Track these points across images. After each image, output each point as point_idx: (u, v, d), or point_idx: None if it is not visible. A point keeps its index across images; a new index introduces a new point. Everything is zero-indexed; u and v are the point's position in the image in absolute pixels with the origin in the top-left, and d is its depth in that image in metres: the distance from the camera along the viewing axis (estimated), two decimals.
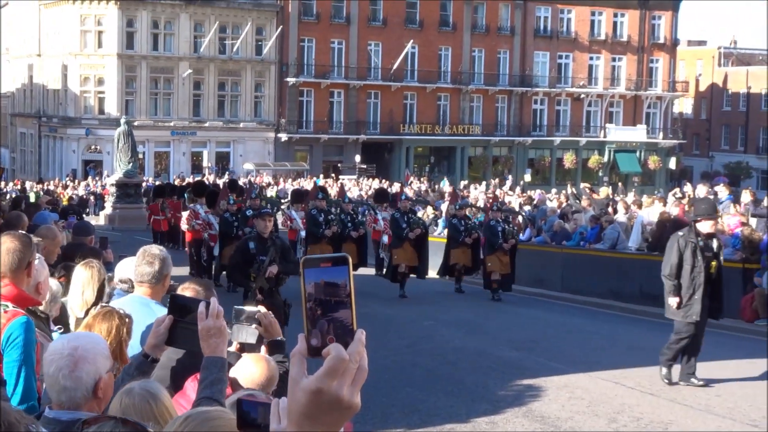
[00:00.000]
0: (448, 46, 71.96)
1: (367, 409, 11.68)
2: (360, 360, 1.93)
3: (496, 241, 22.56)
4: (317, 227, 22.02)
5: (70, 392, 3.90)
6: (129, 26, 63.53)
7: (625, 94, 77.02)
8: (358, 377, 1.93)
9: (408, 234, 22.42)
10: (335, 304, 1.93)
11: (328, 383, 1.88)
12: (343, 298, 1.94)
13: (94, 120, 63.16)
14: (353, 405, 1.92)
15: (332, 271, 1.95)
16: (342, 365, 1.89)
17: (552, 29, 74.92)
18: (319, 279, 1.94)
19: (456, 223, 24.10)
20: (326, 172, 64.40)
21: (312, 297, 1.94)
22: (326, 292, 1.93)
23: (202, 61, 65.11)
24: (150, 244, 6.74)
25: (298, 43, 67.38)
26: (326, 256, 1.98)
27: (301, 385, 1.91)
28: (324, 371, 1.89)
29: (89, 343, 4.06)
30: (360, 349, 1.93)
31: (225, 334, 4.26)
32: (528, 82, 74.16)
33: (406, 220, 22.71)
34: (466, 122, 72.86)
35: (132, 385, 3.98)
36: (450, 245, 24.05)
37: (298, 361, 1.94)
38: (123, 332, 5.08)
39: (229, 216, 22.91)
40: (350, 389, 1.90)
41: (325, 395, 1.89)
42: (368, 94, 69.95)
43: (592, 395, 12.58)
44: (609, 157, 75.78)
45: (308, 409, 1.90)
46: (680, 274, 13.32)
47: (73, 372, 3.89)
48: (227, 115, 66.76)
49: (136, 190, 43.90)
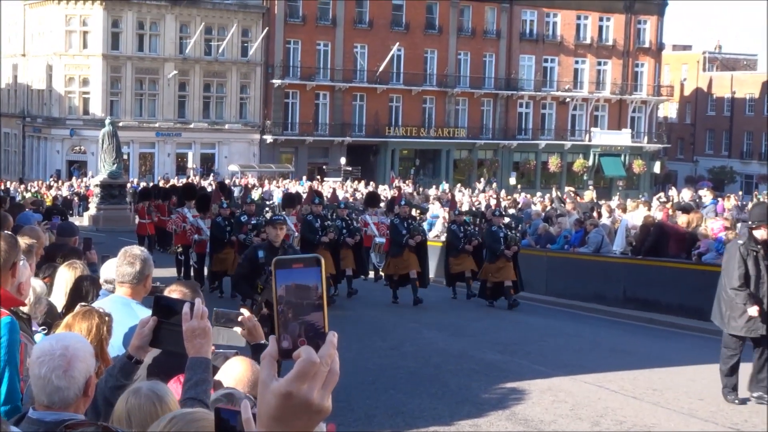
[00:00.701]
0: (433, 48, 72.01)
1: (351, 411, 11.69)
2: (331, 363, 1.90)
3: (498, 248, 21.83)
4: (313, 233, 21.08)
5: (64, 392, 3.90)
6: (114, 27, 63.35)
7: (610, 98, 77.19)
8: (329, 380, 1.90)
9: (408, 241, 21.67)
10: (306, 306, 1.91)
11: (298, 386, 1.86)
12: (315, 301, 1.92)
13: (79, 120, 62.97)
14: (324, 408, 1.89)
15: (304, 272, 1.93)
16: (312, 368, 1.86)
17: (538, 33, 75.03)
18: (291, 281, 1.92)
19: (455, 229, 23.50)
20: (311, 174, 64.33)
21: (283, 299, 1.92)
22: (297, 294, 1.91)
23: (187, 63, 64.99)
24: (132, 245, 6.73)
25: (284, 44, 67.32)
26: (298, 257, 1.96)
27: (271, 388, 1.88)
28: (294, 374, 1.86)
29: (78, 341, 4.06)
30: (331, 351, 1.90)
31: (209, 335, 4.27)
32: (513, 85, 74.26)
33: (406, 227, 21.97)
34: (451, 125, 72.91)
35: (139, 385, 3.99)
36: (449, 253, 23.54)
37: (269, 363, 1.92)
38: (103, 331, 5.07)
39: (222, 220, 22.18)
40: (321, 392, 1.88)
41: (295, 398, 1.86)
42: (354, 97, 69.93)
43: (575, 398, 12.61)
44: (594, 160, 75.91)
45: (278, 413, 1.87)
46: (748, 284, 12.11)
47: (67, 371, 3.89)
48: (212, 117, 66.66)
49: (120, 191, 43.85)
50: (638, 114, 78.80)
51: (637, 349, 17.17)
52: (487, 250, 22.46)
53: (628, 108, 78.06)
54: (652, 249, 22.44)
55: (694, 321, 20.18)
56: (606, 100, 77.32)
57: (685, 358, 16.07)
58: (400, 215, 22.65)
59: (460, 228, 23.45)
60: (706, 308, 20.55)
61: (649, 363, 15.40)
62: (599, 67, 77.21)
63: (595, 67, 76.96)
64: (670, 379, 14.11)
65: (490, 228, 22.65)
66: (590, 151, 75.91)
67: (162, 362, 4.64)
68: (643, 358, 16.01)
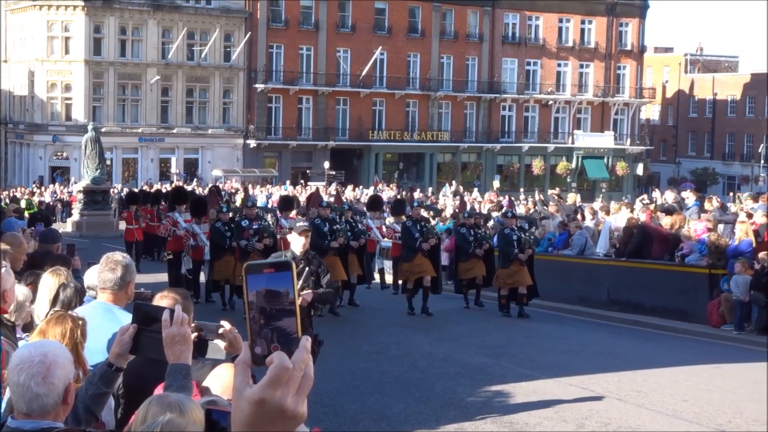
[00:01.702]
0: (416, 52, 72.06)
1: (336, 416, 11.68)
2: (305, 368, 1.88)
3: (512, 252, 20.62)
4: (322, 238, 19.96)
5: (43, 399, 3.87)
6: (96, 32, 63.16)
7: (593, 101, 77.40)
8: (303, 385, 1.88)
9: (421, 245, 20.50)
10: (278, 312, 1.90)
11: (271, 393, 1.84)
12: (286, 306, 1.90)
13: (61, 126, 62.74)
14: (298, 414, 1.87)
15: (275, 277, 1.91)
16: (285, 374, 1.84)
17: (520, 36, 75.17)
18: (261, 287, 1.90)
19: (464, 232, 22.30)
20: (295, 178, 64.27)
21: (254, 306, 1.90)
22: (268, 300, 1.90)
23: (170, 68, 64.86)
24: (114, 251, 6.71)
25: (267, 49, 67.26)
26: (269, 261, 1.95)
27: (244, 395, 1.86)
28: (267, 381, 1.84)
29: (57, 348, 4.04)
30: (305, 356, 1.89)
31: (189, 341, 4.26)
32: (496, 88, 74.36)
33: (419, 229, 20.75)
34: (434, 128, 72.96)
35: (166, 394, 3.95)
36: (458, 258, 22.53)
37: (242, 370, 1.90)
38: (77, 335, 5.05)
39: (221, 225, 20.93)
40: (295, 398, 1.86)
41: (269, 405, 1.84)
42: (337, 101, 69.92)
43: (560, 401, 12.63)
44: (577, 163, 76.09)
45: (252, 420, 1.85)
46: None
47: (46, 378, 3.87)
48: (195, 122, 66.53)
49: (103, 197, 43.69)
50: (621, 116, 79.03)
51: (622, 351, 17.21)
52: (500, 254, 21.34)
53: (611, 110, 78.28)
54: (635, 251, 22.50)
55: (677, 322, 20.26)
56: (588, 103, 77.52)
57: (669, 360, 16.12)
58: (413, 217, 21.46)
59: (470, 231, 22.24)
60: (690, 309, 20.75)
61: (634, 365, 15.43)
62: (581, 69, 77.41)
63: (578, 70, 77.16)
64: (654, 381, 14.14)
65: (503, 230, 21.51)
66: (573, 153, 76.09)
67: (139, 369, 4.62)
68: (627, 359, 16.04)
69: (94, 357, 5.57)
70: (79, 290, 6.88)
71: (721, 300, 20.00)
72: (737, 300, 19.22)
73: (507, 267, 20.71)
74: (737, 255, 19.82)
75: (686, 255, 21.40)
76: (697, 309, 20.61)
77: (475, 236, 22.09)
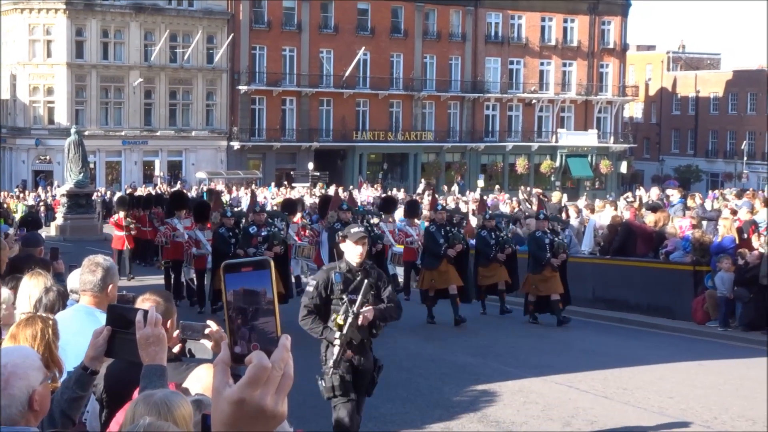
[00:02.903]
0: (399, 52, 72.06)
1: (323, 416, 11.64)
2: (285, 367, 1.87)
3: (544, 256, 19.37)
4: None
5: (6, 410, 3.83)
6: (78, 35, 62.95)
7: (576, 99, 77.54)
8: (283, 385, 1.86)
9: (447, 251, 19.31)
10: (255, 312, 1.89)
11: (250, 392, 1.82)
12: (263, 305, 1.89)
13: (44, 130, 62.51)
14: (278, 414, 1.86)
15: (253, 275, 1.90)
16: (264, 373, 1.83)
17: (503, 35, 75.25)
18: (239, 286, 1.89)
19: (485, 235, 20.88)
20: (279, 179, 64.23)
21: (231, 305, 1.89)
22: (245, 300, 1.88)
23: (152, 70, 64.69)
24: (96, 254, 6.67)
25: (250, 51, 67.16)
26: (247, 260, 1.93)
27: (224, 395, 1.85)
28: (245, 380, 1.83)
29: (18, 357, 3.98)
30: (284, 355, 1.87)
31: (164, 342, 4.23)
32: (480, 87, 74.43)
33: (443, 235, 19.47)
34: (418, 128, 72.98)
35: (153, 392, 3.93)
36: (478, 262, 21.04)
37: (221, 370, 1.89)
38: (49, 334, 5.01)
39: (225, 231, 19.25)
40: (274, 398, 1.85)
41: (248, 405, 1.83)
42: (320, 102, 69.86)
43: (546, 399, 12.64)
44: (561, 161, 76.23)
45: (232, 420, 1.84)
46: None
47: (5, 390, 3.82)
48: (179, 124, 66.37)
49: (87, 201, 43.57)
50: (604, 114, 79.20)
51: (607, 349, 17.23)
52: (531, 258, 19.94)
53: (594, 108, 78.44)
54: (620, 248, 22.56)
55: (662, 320, 20.31)
56: (572, 101, 77.67)
57: (654, 357, 16.14)
58: (436, 221, 20.12)
59: (491, 234, 20.83)
60: (675, 307, 20.80)
61: (619, 362, 15.46)
62: (564, 68, 77.54)
63: (561, 69, 77.28)
64: (640, 378, 14.17)
65: (534, 233, 20.17)
66: (557, 152, 76.24)
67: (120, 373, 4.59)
68: (613, 357, 16.07)
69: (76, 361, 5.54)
70: (62, 294, 6.84)
71: (705, 297, 20.06)
72: (722, 297, 19.27)
73: (539, 272, 19.56)
74: (720, 252, 19.88)
75: (670, 252, 21.45)
76: (681, 306, 20.66)
77: (497, 240, 20.78)
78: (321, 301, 9.30)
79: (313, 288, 9.41)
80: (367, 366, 9.52)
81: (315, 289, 9.35)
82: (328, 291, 9.27)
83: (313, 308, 9.31)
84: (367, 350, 9.54)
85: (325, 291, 9.29)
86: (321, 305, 9.31)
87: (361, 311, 9.09)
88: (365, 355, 9.50)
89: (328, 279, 9.29)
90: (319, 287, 9.32)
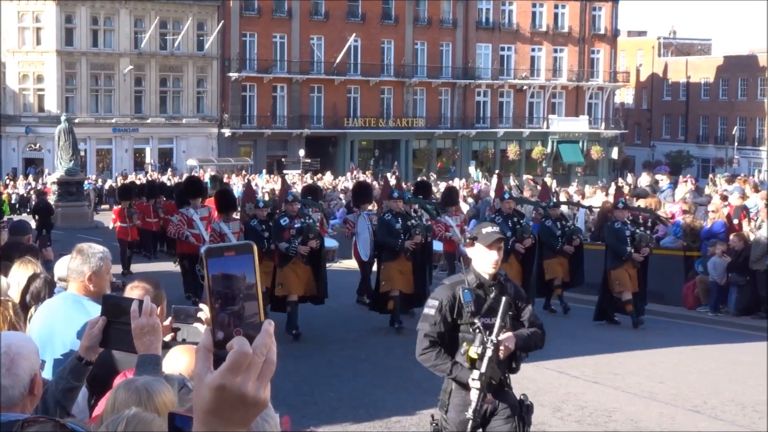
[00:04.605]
0: (390, 39, 71.94)
1: (314, 404, 11.66)
2: (268, 353, 1.84)
3: (624, 251, 17.45)
4: (394, 237, 16.65)
5: (9, 391, 3.81)
6: (68, 22, 62.74)
7: (567, 85, 77.50)
8: (265, 371, 1.84)
9: (515, 246, 17.50)
10: (238, 297, 1.86)
11: (231, 379, 1.80)
12: (243, 291, 1.86)
13: (34, 118, 62.31)
14: (259, 400, 1.83)
15: (234, 260, 1.87)
16: (245, 360, 1.81)
17: (494, 21, 75.15)
18: (218, 271, 1.87)
19: (550, 225, 19.22)
20: (270, 167, 64.18)
21: (213, 291, 1.87)
22: (224, 284, 1.86)
23: (143, 57, 64.51)
24: (88, 242, 6.64)
25: (240, 37, 67.00)
26: (230, 244, 1.90)
27: (205, 381, 1.83)
28: (226, 366, 1.81)
29: (20, 339, 3.98)
30: (266, 341, 1.84)
31: (159, 331, 4.23)
32: (471, 74, 74.35)
33: (510, 227, 17.51)
34: (409, 115, 72.92)
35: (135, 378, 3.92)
36: (543, 255, 19.11)
37: (203, 356, 1.86)
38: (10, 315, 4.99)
39: (258, 224, 17.29)
40: (256, 384, 1.82)
41: (229, 391, 1.81)
42: (311, 89, 69.74)
43: (536, 384, 12.64)
44: (552, 148, 76.25)
45: (213, 406, 1.82)
46: None
47: (10, 370, 3.81)
48: (169, 111, 66.21)
49: (78, 188, 43.52)
50: (595, 100, 79.19)
51: (598, 335, 17.26)
52: (610, 252, 18.16)
53: (585, 95, 78.41)
54: None
55: (653, 305, 20.30)
56: (563, 87, 77.61)
57: (645, 342, 16.18)
58: (503, 212, 18.09)
59: (556, 224, 19.15)
60: (666, 292, 20.83)
61: (610, 348, 15.49)
62: (555, 54, 77.46)
63: (552, 55, 77.20)
64: (630, 364, 14.20)
65: (612, 224, 18.13)
66: (548, 138, 76.25)
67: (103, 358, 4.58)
68: (603, 343, 16.10)
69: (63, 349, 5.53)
70: (49, 281, 6.82)
71: (696, 282, 20.11)
72: (713, 282, 19.33)
73: (617, 268, 17.81)
74: (711, 237, 19.93)
75: (661, 238, 21.49)
76: (672, 291, 20.70)
77: (563, 230, 19.14)
78: (446, 328, 7.16)
79: (435, 311, 7.19)
80: (502, 411, 7.19)
81: (438, 311, 7.17)
82: (455, 314, 7.12)
83: (437, 338, 7.17)
84: (506, 390, 7.27)
85: (451, 314, 7.14)
86: (446, 333, 7.18)
87: (500, 339, 6.88)
88: (504, 397, 7.23)
89: (455, 298, 7.15)
90: (443, 309, 7.16)
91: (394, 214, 16.80)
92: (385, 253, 16.98)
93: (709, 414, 11.32)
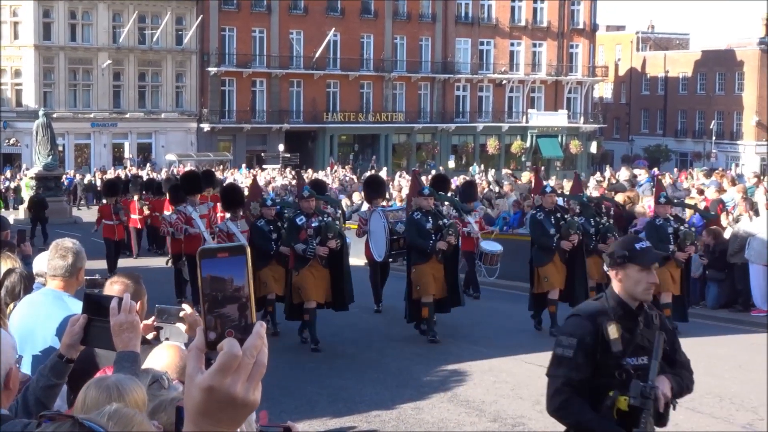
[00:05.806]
0: (369, 33, 71.89)
1: (293, 398, 11.68)
2: (258, 355, 1.85)
3: (666, 249, 15.30)
4: (425, 238, 15.40)
5: None
6: (45, 17, 62.40)
7: (546, 80, 77.66)
8: (255, 373, 1.85)
9: (560, 243, 16.17)
10: (222, 299, 1.86)
11: (220, 380, 1.81)
12: (233, 293, 1.86)
13: (12, 112, 61.98)
14: (249, 402, 1.84)
15: (226, 262, 1.87)
16: (234, 361, 1.81)
17: (473, 16, 75.19)
18: (214, 272, 1.86)
19: (583, 222, 17.12)
20: (249, 161, 64.08)
21: (205, 292, 1.87)
22: (213, 287, 1.86)
23: (121, 52, 64.25)
24: (63, 238, 6.62)
25: (219, 32, 66.81)
26: (223, 245, 1.90)
27: (195, 381, 1.84)
28: (215, 368, 1.82)
29: None
30: (257, 343, 1.85)
31: (138, 329, 4.23)
32: (450, 68, 74.40)
33: (553, 224, 16.32)
34: (389, 110, 72.92)
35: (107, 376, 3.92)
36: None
37: (195, 356, 1.87)
38: None
39: (265, 224, 16.15)
40: (245, 385, 1.83)
41: (218, 392, 1.82)
42: (291, 83, 69.63)
43: (516, 378, 12.71)
44: (531, 142, 76.41)
45: (203, 407, 1.83)
46: None
47: None
48: (148, 106, 66.00)
49: (56, 183, 43.35)
50: (574, 95, 79.40)
51: None
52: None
53: (564, 89, 78.61)
54: None
55: None
56: (542, 82, 77.78)
57: None
58: (543, 207, 16.70)
59: (590, 221, 17.33)
60: None
61: None
62: (534, 48, 77.60)
63: (531, 49, 77.34)
64: None
65: (653, 221, 16.58)
66: (528, 132, 76.40)
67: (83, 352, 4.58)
68: None
69: (44, 345, 5.53)
70: (26, 277, 6.81)
71: None
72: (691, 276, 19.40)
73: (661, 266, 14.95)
74: None
75: (639, 231, 21.54)
76: None
77: (596, 228, 17.27)
78: (588, 372, 5.46)
79: (572, 350, 5.50)
80: None
81: (577, 350, 5.48)
82: (598, 353, 5.43)
83: (578, 385, 5.49)
84: None
85: (595, 354, 5.44)
86: (586, 379, 5.47)
87: (656, 385, 5.24)
88: None
89: (598, 334, 5.43)
90: (585, 347, 5.46)
91: (424, 212, 15.55)
92: (415, 254, 15.78)
93: (687, 406, 11.36)
